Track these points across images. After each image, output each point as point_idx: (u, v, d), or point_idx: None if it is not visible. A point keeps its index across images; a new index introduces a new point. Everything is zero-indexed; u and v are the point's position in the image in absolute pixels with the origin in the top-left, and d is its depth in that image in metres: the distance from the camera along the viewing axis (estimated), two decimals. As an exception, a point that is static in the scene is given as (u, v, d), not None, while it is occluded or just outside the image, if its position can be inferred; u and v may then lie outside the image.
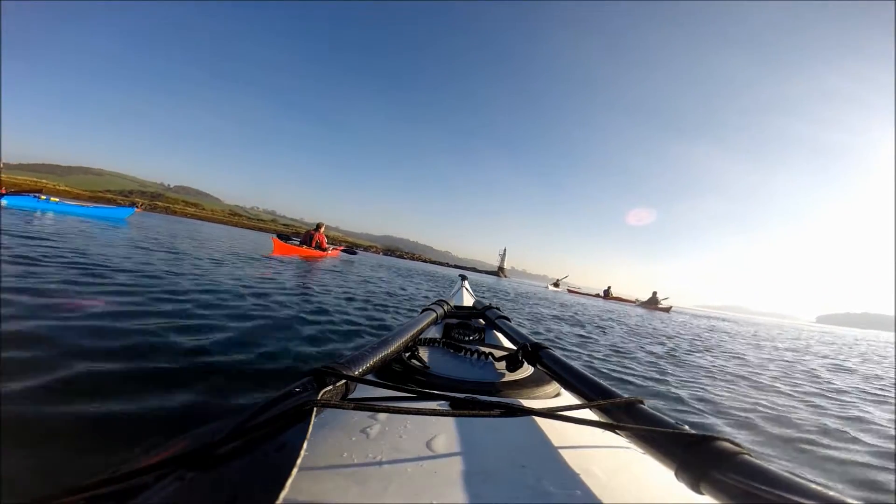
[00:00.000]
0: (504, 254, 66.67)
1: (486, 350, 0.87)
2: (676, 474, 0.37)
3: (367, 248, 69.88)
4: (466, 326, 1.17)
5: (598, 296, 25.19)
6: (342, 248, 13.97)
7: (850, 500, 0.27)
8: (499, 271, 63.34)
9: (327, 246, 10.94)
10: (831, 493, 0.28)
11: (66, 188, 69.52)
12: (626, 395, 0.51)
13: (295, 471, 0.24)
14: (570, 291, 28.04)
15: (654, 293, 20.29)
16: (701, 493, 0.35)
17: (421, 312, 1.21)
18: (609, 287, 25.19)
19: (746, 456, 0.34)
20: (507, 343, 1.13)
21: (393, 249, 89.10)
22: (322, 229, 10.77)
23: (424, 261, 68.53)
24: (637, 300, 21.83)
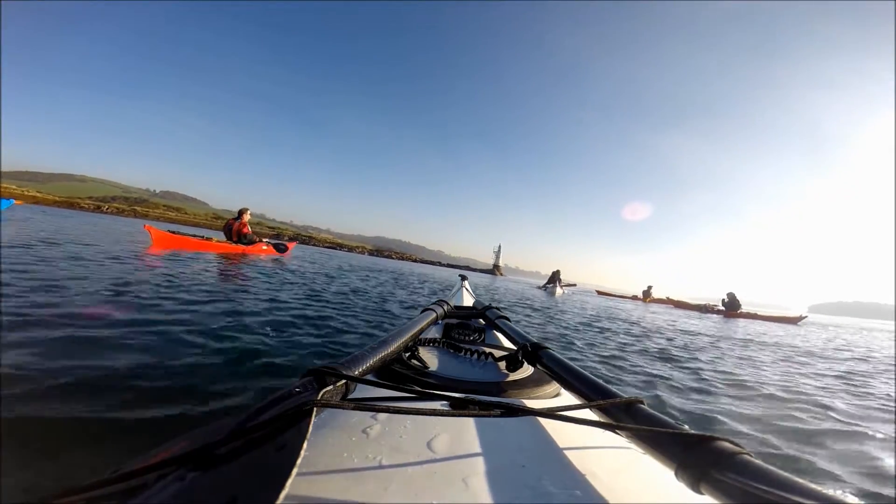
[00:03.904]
0: (499, 251, 64.86)
1: (486, 350, 0.86)
2: (676, 474, 0.37)
3: (351, 249, 67.02)
4: (466, 326, 1.18)
5: (635, 298, 19.46)
6: (266, 242, 9.66)
7: (850, 500, 0.27)
8: (494, 269, 61.53)
9: (255, 238, 8.54)
10: (831, 492, 0.28)
11: (37, 194, 66.08)
12: (625, 396, 0.50)
13: (295, 471, 0.24)
14: (599, 293, 21.00)
15: (732, 294, 14.72)
16: (701, 493, 0.34)
17: (421, 312, 1.20)
18: (650, 287, 19.51)
19: (746, 456, 0.34)
20: (507, 343, 1.12)
21: (382, 250, 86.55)
22: (246, 217, 8.40)
23: (414, 260, 66.09)
24: (708, 305, 15.44)
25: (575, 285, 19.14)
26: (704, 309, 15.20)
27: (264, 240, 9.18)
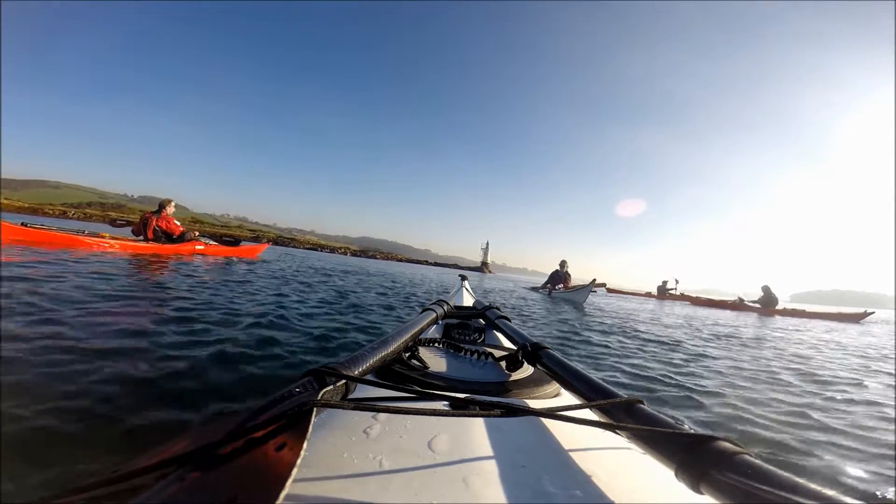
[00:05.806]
0: (487, 247, 64.99)
1: (486, 350, 0.86)
2: (676, 474, 0.37)
3: (334, 250, 65.56)
4: (466, 326, 1.20)
5: (648, 295, 17.16)
6: (205, 241, 7.41)
7: (849, 500, 0.27)
8: (483, 267, 61.45)
9: (192, 235, 6.88)
10: (831, 492, 0.28)
11: (5, 201, 63.63)
12: (626, 395, 0.50)
13: (295, 471, 0.24)
14: (609, 291, 17.58)
15: (767, 288, 12.20)
16: (701, 493, 0.34)
17: (421, 312, 1.20)
18: (665, 282, 17.07)
19: (746, 456, 0.34)
20: (507, 343, 1.12)
21: (367, 250, 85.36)
22: (169, 210, 6.67)
23: (399, 260, 65.48)
24: (740, 299, 12.84)
25: (605, 285, 14.20)
26: (735, 306, 12.64)
27: (199, 238, 7.30)
